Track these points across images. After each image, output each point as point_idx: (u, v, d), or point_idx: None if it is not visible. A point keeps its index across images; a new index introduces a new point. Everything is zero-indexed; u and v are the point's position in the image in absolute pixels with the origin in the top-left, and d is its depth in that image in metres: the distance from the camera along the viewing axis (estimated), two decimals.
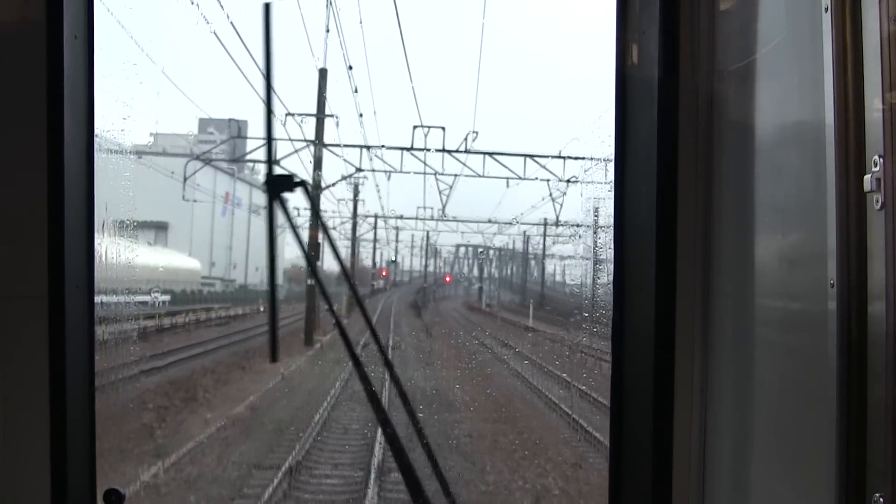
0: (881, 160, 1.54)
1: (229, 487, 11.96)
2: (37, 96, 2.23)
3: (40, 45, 2.23)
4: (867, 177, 1.57)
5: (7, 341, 2.25)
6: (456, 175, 36.89)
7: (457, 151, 33.16)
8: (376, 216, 66.44)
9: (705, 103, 2.27)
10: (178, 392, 20.15)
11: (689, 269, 2.27)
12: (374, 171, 37.74)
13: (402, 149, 33.62)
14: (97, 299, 2.45)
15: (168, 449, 13.65)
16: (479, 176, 34.22)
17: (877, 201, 1.55)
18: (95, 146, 2.40)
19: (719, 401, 2.22)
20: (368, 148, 35.63)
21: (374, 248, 76.20)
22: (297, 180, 2.81)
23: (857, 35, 1.63)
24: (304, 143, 33.57)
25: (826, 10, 1.67)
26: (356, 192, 56.25)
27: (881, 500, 1.53)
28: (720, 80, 2.25)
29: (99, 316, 2.47)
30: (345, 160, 36.15)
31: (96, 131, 2.41)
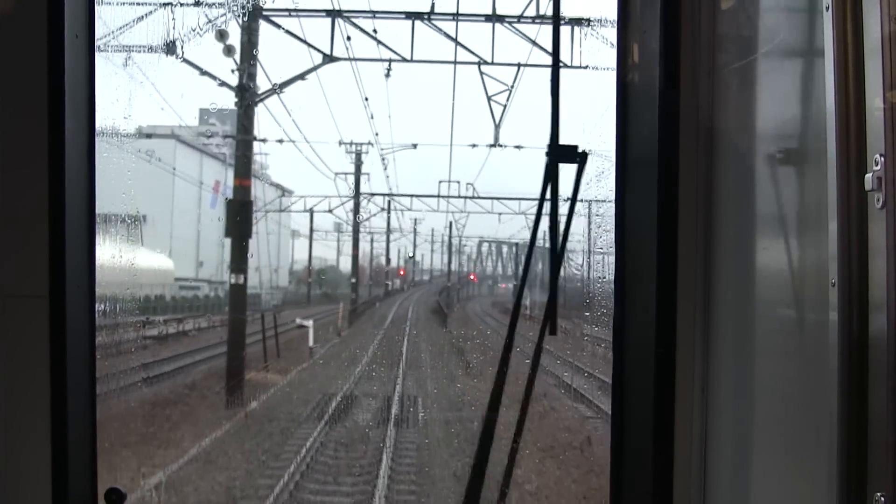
0: (882, 159, 1.54)
1: None
2: (38, 95, 2.24)
3: (41, 45, 2.24)
4: (868, 175, 1.57)
5: (8, 340, 2.26)
6: (520, 65, 19.34)
7: (521, 20, 17.00)
8: (388, 195, 44.12)
9: (706, 102, 2.27)
10: None
11: (690, 267, 2.27)
12: (353, 59, 20.21)
13: (412, 15, 17.83)
14: None
15: None
16: (568, 66, 16.40)
17: (878, 200, 1.55)
18: (97, 145, 2.41)
19: (720, 399, 2.22)
20: (343, 15, 18.54)
21: (388, 241, 61.64)
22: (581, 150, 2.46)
23: (857, 34, 1.63)
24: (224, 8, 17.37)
25: (827, 9, 1.67)
26: (358, 161, 40.69)
27: (882, 499, 1.53)
28: (721, 79, 2.25)
29: None
30: (306, 44, 19.33)
31: (97, 130, 2.41)
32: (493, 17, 17.18)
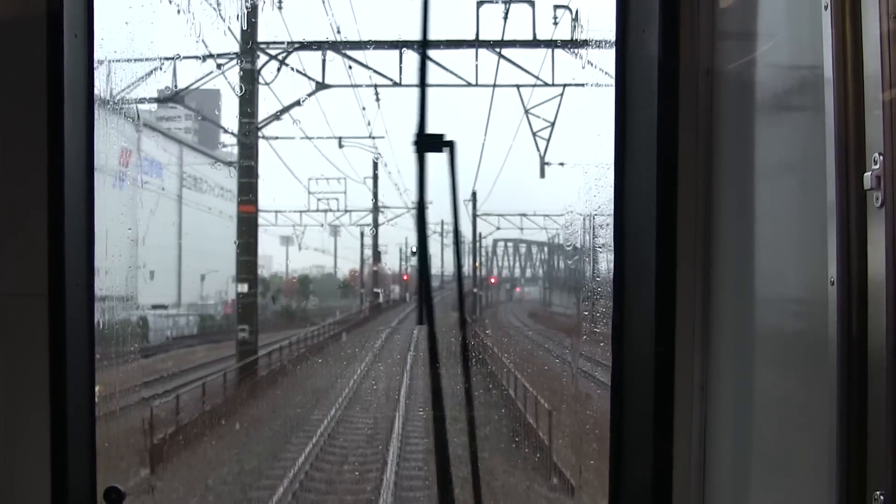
0: (881, 158, 1.54)
1: None
2: (37, 95, 2.24)
3: (41, 44, 2.24)
4: (867, 174, 1.57)
5: (7, 339, 2.26)
6: None
7: None
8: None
9: (705, 101, 2.27)
10: None
11: (690, 266, 2.27)
12: None
13: None
14: None
15: None
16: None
17: (877, 199, 1.55)
18: (96, 145, 2.41)
19: (719, 398, 2.22)
20: None
21: (376, 224, 41.31)
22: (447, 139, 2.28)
23: (856, 33, 1.63)
24: None
25: (826, 7, 1.68)
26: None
27: (881, 497, 1.53)
28: (720, 78, 2.25)
29: None
30: None
31: (96, 130, 2.41)
32: None
